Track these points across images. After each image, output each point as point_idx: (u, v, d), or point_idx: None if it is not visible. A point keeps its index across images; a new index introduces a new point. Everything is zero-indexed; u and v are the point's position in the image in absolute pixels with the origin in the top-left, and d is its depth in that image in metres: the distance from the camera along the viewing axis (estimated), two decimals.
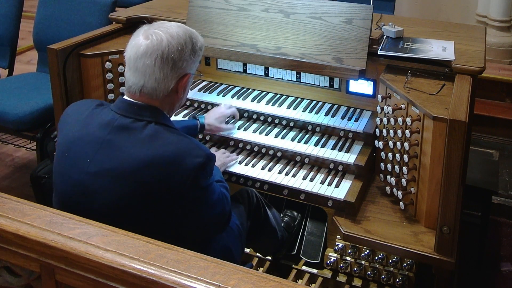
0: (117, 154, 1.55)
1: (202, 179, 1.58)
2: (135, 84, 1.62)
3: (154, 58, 1.59)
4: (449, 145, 1.77)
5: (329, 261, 2.26)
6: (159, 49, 1.60)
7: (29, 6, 4.81)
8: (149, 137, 1.56)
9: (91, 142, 1.59)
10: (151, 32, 1.62)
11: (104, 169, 1.55)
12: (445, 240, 1.88)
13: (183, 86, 1.68)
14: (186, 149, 1.56)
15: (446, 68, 2.19)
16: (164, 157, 1.53)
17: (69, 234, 1.33)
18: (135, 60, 1.61)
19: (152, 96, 1.63)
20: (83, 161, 1.58)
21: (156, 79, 1.61)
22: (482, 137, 3.92)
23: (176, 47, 1.62)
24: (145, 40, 1.61)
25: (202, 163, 1.56)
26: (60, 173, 1.65)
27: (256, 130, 2.43)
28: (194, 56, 1.68)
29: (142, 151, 1.54)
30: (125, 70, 1.67)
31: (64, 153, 1.64)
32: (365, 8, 2.29)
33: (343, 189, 2.15)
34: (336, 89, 2.52)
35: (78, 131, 1.64)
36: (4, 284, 1.49)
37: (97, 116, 1.64)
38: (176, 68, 1.63)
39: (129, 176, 1.53)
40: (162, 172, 1.52)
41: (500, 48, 4.49)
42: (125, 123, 1.59)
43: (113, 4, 3.26)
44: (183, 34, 1.66)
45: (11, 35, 3.56)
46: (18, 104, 3.05)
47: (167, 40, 1.61)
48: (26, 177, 3.49)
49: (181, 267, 1.23)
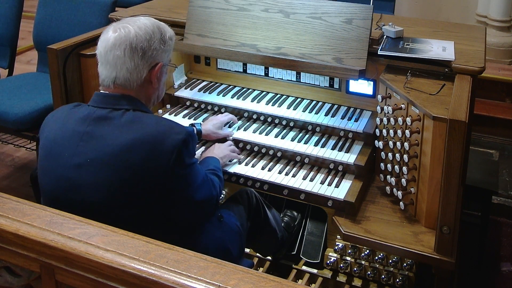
0: (99, 143, 1.58)
1: (186, 156, 1.61)
2: (107, 76, 1.68)
3: (123, 49, 1.65)
4: (449, 145, 1.77)
5: (329, 261, 2.26)
6: (127, 40, 1.65)
7: (29, 6, 4.81)
8: (128, 122, 1.60)
9: (72, 137, 1.62)
10: (119, 26, 1.69)
11: (87, 160, 1.57)
12: (445, 240, 1.88)
13: (156, 75, 1.72)
14: (166, 129, 1.60)
15: (446, 68, 2.19)
16: (145, 138, 1.56)
17: (69, 234, 1.33)
18: (106, 53, 1.67)
19: (126, 86, 1.68)
20: (65, 156, 1.60)
21: (127, 69, 1.66)
22: (482, 137, 3.92)
23: (144, 37, 1.68)
24: (114, 33, 1.67)
25: (184, 140, 1.59)
26: (45, 173, 1.67)
27: (256, 130, 2.42)
28: (164, 45, 1.74)
29: (122, 136, 1.57)
30: (98, 66, 1.71)
31: (46, 153, 1.66)
32: (365, 8, 2.29)
33: (343, 189, 2.15)
34: (336, 89, 2.52)
35: (57, 130, 1.66)
36: (4, 284, 1.49)
37: (75, 114, 1.67)
38: (146, 57, 1.68)
39: (113, 162, 1.55)
40: (145, 152, 1.55)
41: (500, 48, 4.49)
42: (103, 114, 1.63)
43: (113, 4, 3.26)
44: (151, 25, 1.72)
45: (11, 35, 3.56)
46: (18, 104, 3.05)
47: (134, 31, 1.67)
48: (26, 177, 3.49)
49: (181, 267, 1.23)
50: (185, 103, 2.64)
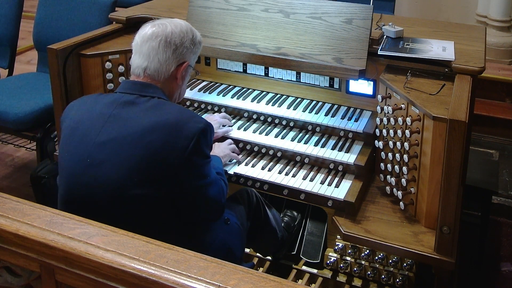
0: (124, 124, 1.66)
1: (203, 145, 1.68)
2: (139, 66, 1.80)
3: (158, 41, 1.78)
4: (449, 145, 1.77)
5: (329, 261, 2.26)
6: (163, 34, 1.80)
7: (29, 6, 4.81)
8: (153, 107, 1.69)
9: (98, 119, 1.70)
10: (157, 23, 1.84)
11: (111, 138, 1.65)
12: (445, 240, 1.88)
13: (181, 73, 1.84)
14: (188, 116, 1.69)
15: (446, 68, 2.19)
16: (168, 122, 1.64)
17: (69, 234, 1.33)
18: (141, 44, 1.80)
19: (155, 77, 1.79)
20: (90, 135, 1.67)
21: (159, 59, 1.78)
22: (482, 137, 3.92)
23: (179, 34, 1.82)
24: (152, 28, 1.82)
25: (203, 128, 1.66)
26: (66, 150, 1.72)
27: (256, 130, 2.42)
28: (193, 46, 1.88)
29: (146, 119, 1.65)
30: (131, 57, 1.83)
31: (70, 133, 1.73)
32: (365, 8, 2.29)
33: (343, 189, 2.15)
34: (336, 89, 2.52)
35: (84, 112, 1.75)
36: (4, 284, 1.49)
37: (102, 100, 1.76)
38: (177, 53, 1.81)
39: (135, 141, 1.62)
40: (166, 135, 1.62)
41: (500, 48, 4.49)
42: (130, 99, 1.72)
43: (113, 4, 3.26)
44: (185, 26, 1.87)
45: (11, 35, 3.56)
46: (18, 104, 3.05)
47: (171, 27, 1.82)
48: (26, 177, 3.49)
49: (181, 267, 1.23)
50: (185, 103, 2.64)
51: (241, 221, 2.08)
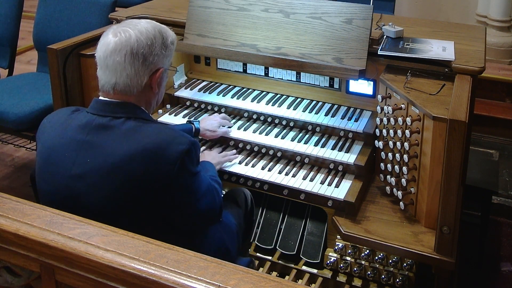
0: (99, 153, 1.54)
1: (189, 165, 1.58)
2: (107, 82, 1.62)
3: (123, 54, 1.59)
4: (449, 145, 1.77)
5: (329, 261, 2.26)
6: (128, 45, 1.59)
7: (29, 6, 4.81)
8: (130, 132, 1.56)
9: (71, 146, 1.58)
10: (119, 30, 1.62)
11: (88, 169, 1.54)
12: (445, 240, 1.88)
13: (157, 81, 1.67)
14: (168, 138, 1.56)
15: (446, 68, 2.19)
16: (147, 148, 1.52)
17: (69, 234, 1.33)
18: (105, 58, 1.61)
19: (126, 92, 1.62)
20: (65, 165, 1.57)
21: (127, 75, 1.60)
22: (482, 137, 3.92)
23: (146, 42, 1.61)
24: (114, 37, 1.61)
25: (186, 150, 1.55)
26: (43, 179, 1.64)
27: (256, 130, 2.42)
28: (165, 50, 1.68)
29: (124, 146, 1.53)
30: (97, 70, 1.65)
31: (44, 160, 1.63)
32: (365, 8, 2.29)
33: (343, 189, 2.15)
34: (336, 89, 2.52)
35: (56, 137, 1.62)
36: (4, 284, 1.49)
37: (74, 121, 1.63)
38: (147, 63, 1.62)
39: (114, 172, 1.52)
40: (147, 163, 1.51)
41: (500, 48, 4.49)
42: (103, 122, 1.58)
43: (113, 4, 3.26)
44: (152, 29, 1.65)
45: (11, 35, 3.56)
46: (18, 104, 3.05)
47: (135, 35, 1.61)
48: (26, 177, 3.49)
49: (181, 267, 1.23)
50: (185, 103, 2.64)
51: (239, 221, 2.08)
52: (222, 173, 2.28)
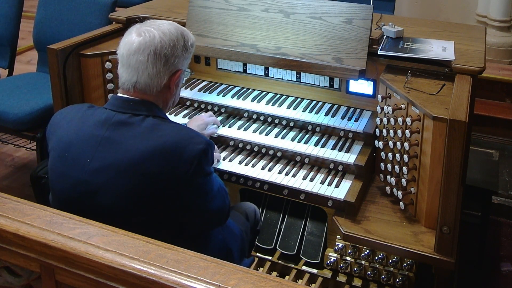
0: (118, 149, 1.55)
1: (205, 165, 1.60)
2: (128, 80, 1.64)
3: (147, 54, 1.62)
4: (449, 145, 1.77)
5: (329, 261, 2.26)
6: (151, 45, 1.62)
7: (29, 6, 4.81)
8: (149, 129, 1.58)
9: (90, 141, 1.59)
10: (143, 30, 1.65)
11: (106, 165, 1.55)
12: (445, 240, 1.88)
13: (175, 82, 1.70)
14: (187, 137, 1.58)
15: (446, 68, 2.19)
16: (166, 146, 1.54)
17: (69, 234, 1.33)
18: (128, 56, 1.63)
19: (146, 92, 1.65)
20: (83, 160, 1.58)
21: (149, 74, 1.63)
22: (482, 137, 3.92)
23: (169, 43, 1.64)
24: (138, 37, 1.64)
25: (204, 149, 1.57)
26: (59, 175, 1.64)
27: (256, 130, 2.42)
28: (186, 53, 1.71)
29: (143, 143, 1.54)
30: (118, 67, 1.68)
31: (61, 155, 1.63)
32: (365, 8, 2.29)
33: (343, 189, 2.15)
34: (336, 89, 2.52)
35: (74, 133, 1.63)
36: (4, 284, 1.49)
37: (91, 116, 1.64)
38: (169, 64, 1.65)
39: (132, 169, 1.53)
40: (166, 161, 1.53)
41: (500, 48, 4.49)
42: (123, 119, 1.60)
43: (113, 4, 3.26)
44: (175, 31, 1.68)
45: (11, 35, 3.55)
46: (18, 104, 3.05)
47: (159, 36, 1.64)
48: (26, 177, 3.49)
49: (181, 267, 1.23)
50: (185, 103, 2.64)
51: (245, 230, 2.09)
52: (222, 173, 2.28)
